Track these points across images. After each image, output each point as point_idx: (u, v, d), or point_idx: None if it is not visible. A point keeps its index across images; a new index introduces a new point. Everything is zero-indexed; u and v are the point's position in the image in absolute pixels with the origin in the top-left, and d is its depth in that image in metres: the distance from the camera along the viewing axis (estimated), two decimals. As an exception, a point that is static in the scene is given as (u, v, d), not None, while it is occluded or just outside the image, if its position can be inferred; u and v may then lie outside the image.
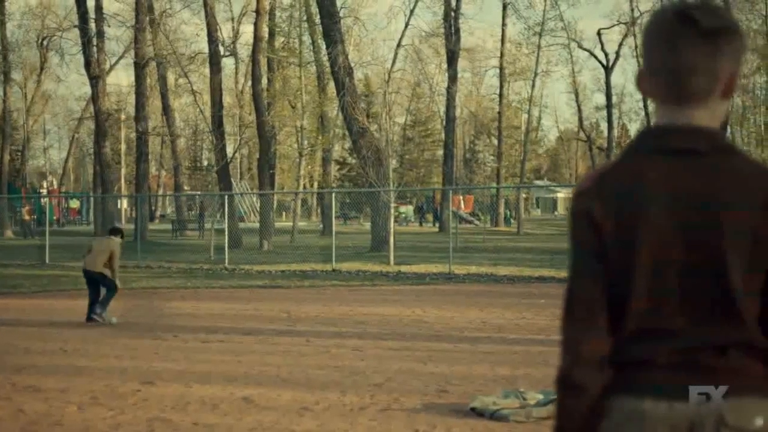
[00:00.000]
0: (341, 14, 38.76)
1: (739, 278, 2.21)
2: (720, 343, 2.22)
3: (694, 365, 2.21)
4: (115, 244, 15.90)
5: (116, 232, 16.40)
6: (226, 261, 28.63)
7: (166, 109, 55.12)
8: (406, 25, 49.13)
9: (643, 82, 2.39)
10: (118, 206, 68.03)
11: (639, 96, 66.45)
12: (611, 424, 2.27)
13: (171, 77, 59.39)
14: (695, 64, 2.26)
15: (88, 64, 44.83)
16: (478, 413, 8.21)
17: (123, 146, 74.58)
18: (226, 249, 29.38)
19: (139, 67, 45.80)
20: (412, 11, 48.77)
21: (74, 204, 75.56)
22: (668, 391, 2.21)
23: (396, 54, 48.79)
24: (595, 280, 2.30)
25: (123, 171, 75.69)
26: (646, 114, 63.08)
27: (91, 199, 60.22)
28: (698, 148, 2.27)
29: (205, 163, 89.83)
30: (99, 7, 45.84)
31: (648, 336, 2.25)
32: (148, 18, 44.81)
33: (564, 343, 2.34)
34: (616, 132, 69.09)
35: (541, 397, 8.52)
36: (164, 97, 54.88)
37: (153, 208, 73.88)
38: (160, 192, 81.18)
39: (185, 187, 67.36)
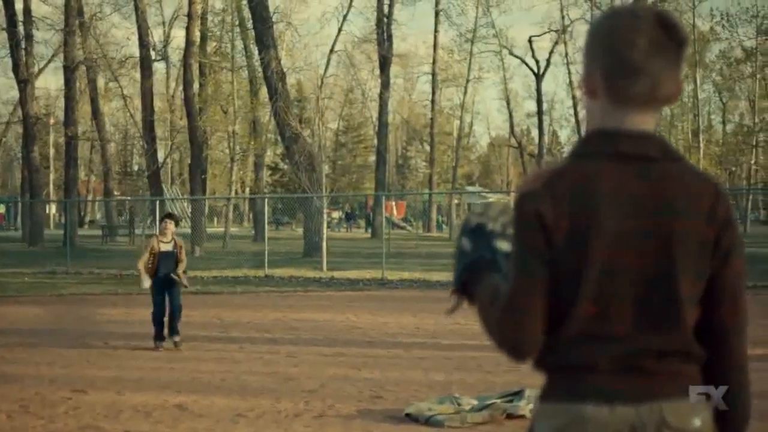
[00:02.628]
0: (274, 19, 38.58)
1: (686, 287, 2.24)
2: (661, 349, 2.24)
3: (635, 369, 2.23)
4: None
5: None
6: (158, 267, 28.33)
7: (96, 114, 54.54)
8: (339, 30, 49.25)
9: (592, 82, 2.33)
10: (47, 211, 67.23)
11: (569, 103, 67.06)
12: (551, 428, 2.27)
13: (101, 81, 58.71)
14: (671, 72, 2.28)
15: (16, 68, 44.14)
16: (413, 419, 8.23)
17: (52, 151, 73.57)
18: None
19: (69, 71, 45.16)
20: (344, 17, 48.91)
21: (1, 209, 74.42)
22: (610, 395, 2.22)
23: (329, 59, 48.85)
24: (540, 286, 2.25)
25: (52, 176, 74.73)
26: (576, 121, 63.72)
27: (19, 204, 59.36)
28: (650, 154, 2.28)
29: (136, 168, 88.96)
30: (27, 10, 45.18)
31: (590, 341, 2.25)
32: (77, 21, 44.23)
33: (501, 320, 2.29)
34: (546, 138, 69.66)
35: (475, 402, 8.57)
36: (94, 101, 54.30)
37: (82, 213, 73.01)
38: (90, 197, 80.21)
39: (115, 193, 66.57)
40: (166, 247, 13.17)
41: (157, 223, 20.03)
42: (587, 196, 2.24)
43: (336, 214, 67.73)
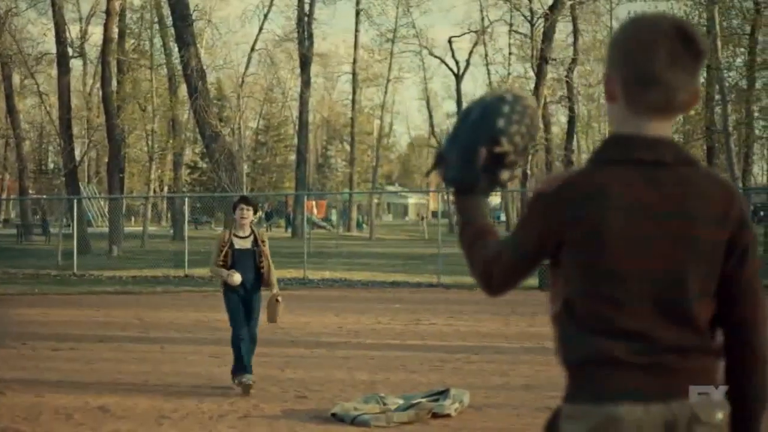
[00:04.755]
0: (193, 17, 38.30)
1: (698, 286, 2.34)
2: (681, 347, 2.32)
3: (663, 368, 2.30)
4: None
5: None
6: (75, 266, 28.02)
7: (11, 111, 53.48)
8: (260, 29, 48.99)
9: (613, 85, 2.42)
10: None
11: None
12: (584, 430, 2.33)
13: (16, 78, 57.71)
14: (687, 82, 2.36)
15: (-72, 63, 43.23)
16: (338, 419, 8.22)
17: (-35, 148, 72.14)
18: (75, 254, 28.78)
19: (-17, 67, 44.39)
20: (265, 15, 48.69)
21: None
22: (643, 395, 2.29)
23: (249, 58, 48.62)
24: (522, 269, 2.48)
25: (-35, 174, 73.30)
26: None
27: (-69, 202, 58.13)
28: (664, 159, 2.36)
29: (52, 166, 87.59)
30: (-60, 5, 44.29)
31: (611, 338, 2.32)
32: (-8, 17, 43.44)
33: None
34: (466, 139, 69.90)
35: (401, 402, 8.59)
36: (9, 98, 53.21)
37: (-4, 212, 71.71)
38: (4, 196, 78.75)
39: (30, 191, 65.47)
40: (243, 244, 9.86)
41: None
42: (601, 201, 2.34)
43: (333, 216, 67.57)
